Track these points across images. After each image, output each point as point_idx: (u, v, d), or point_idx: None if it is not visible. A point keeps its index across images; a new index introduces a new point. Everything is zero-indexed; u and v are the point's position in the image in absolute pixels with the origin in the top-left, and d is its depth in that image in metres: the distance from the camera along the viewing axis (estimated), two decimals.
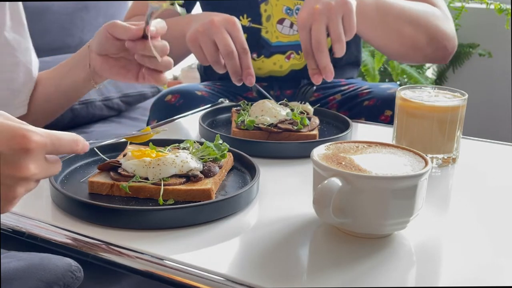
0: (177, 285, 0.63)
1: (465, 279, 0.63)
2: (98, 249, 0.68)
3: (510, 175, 0.96)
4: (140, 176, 0.77)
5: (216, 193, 0.78)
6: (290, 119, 1.04)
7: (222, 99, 1.28)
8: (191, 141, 0.87)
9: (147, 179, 0.77)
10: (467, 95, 0.95)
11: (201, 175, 0.79)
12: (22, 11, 1.07)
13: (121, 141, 0.77)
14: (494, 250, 0.71)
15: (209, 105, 1.24)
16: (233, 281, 0.61)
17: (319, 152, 0.73)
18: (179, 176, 0.78)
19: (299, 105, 1.13)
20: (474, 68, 2.43)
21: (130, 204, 0.75)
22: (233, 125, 1.05)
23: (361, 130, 1.15)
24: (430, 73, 2.58)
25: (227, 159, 0.86)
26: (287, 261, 0.66)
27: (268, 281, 0.61)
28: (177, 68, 3.06)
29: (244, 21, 1.38)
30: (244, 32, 1.38)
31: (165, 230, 0.70)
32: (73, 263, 0.93)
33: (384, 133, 1.10)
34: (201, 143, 0.87)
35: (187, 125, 1.17)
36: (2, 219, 0.71)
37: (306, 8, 1.07)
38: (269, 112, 1.04)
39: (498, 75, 2.34)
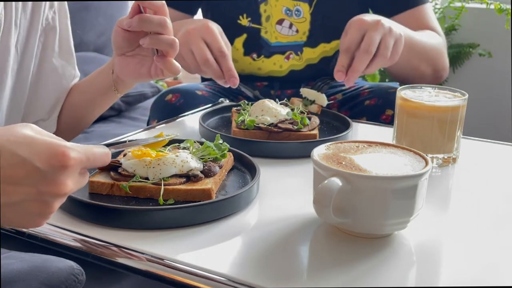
0: (177, 285, 0.63)
1: (465, 279, 0.63)
2: (98, 248, 0.68)
3: (510, 175, 0.96)
4: (140, 176, 0.77)
5: (216, 193, 0.78)
6: (290, 119, 1.04)
7: (222, 99, 1.28)
8: (191, 141, 0.87)
9: (147, 179, 0.77)
10: (467, 95, 0.95)
11: (201, 175, 0.79)
12: (71, 38, 1.09)
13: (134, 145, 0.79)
14: (494, 250, 0.71)
15: (209, 105, 1.25)
16: (233, 281, 0.61)
17: (319, 152, 0.73)
18: (179, 176, 0.78)
19: (315, 92, 1.13)
20: (474, 68, 2.42)
21: (130, 204, 0.75)
22: (233, 125, 1.05)
23: (361, 130, 1.15)
24: None
25: (227, 159, 0.86)
26: (287, 261, 0.66)
27: (268, 281, 0.61)
28: None
29: (244, 21, 1.38)
30: (243, 32, 1.37)
31: (165, 230, 0.70)
32: (75, 265, 0.93)
33: (384, 133, 1.10)
34: (201, 143, 0.87)
35: (187, 125, 1.17)
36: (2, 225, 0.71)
37: (369, 16, 1.12)
38: (269, 111, 1.04)
39: (498, 75, 2.33)
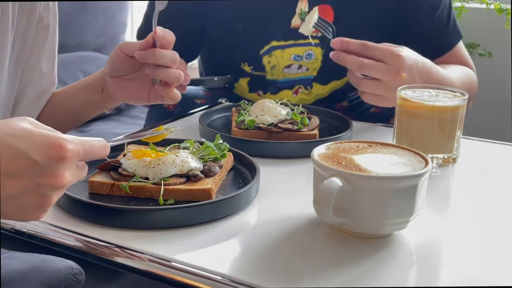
0: (177, 284, 0.63)
1: (465, 279, 0.63)
2: (98, 248, 0.68)
3: (510, 175, 0.96)
4: (140, 176, 0.77)
5: (216, 193, 0.78)
6: (290, 119, 1.04)
7: (222, 99, 1.28)
8: (191, 141, 0.87)
9: (147, 179, 0.77)
10: (467, 95, 0.95)
11: (201, 175, 0.79)
12: (56, 39, 1.08)
13: (133, 140, 0.78)
14: (494, 250, 0.71)
15: (209, 105, 1.24)
16: (233, 281, 0.61)
17: (319, 152, 0.73)
18: (179, 176, 0.78)
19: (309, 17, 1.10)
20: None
21: (130, 204, 0.75)
22: (233, 124, 1.05)
23: (361, 130, 1.15)
24: None
25: (227, 159, 0.86)
26: (287, 261, 0.66)
27: (268, 281, 0.61)
28: None
29: (246, 68, 1.31)
30: (247, 76, 1.30)
31: (165, 230, 0.70)
32: (74, 265, 0.93)
33: (384, 133, 1.10)
34: (201, 143, 0.87)
35: (187, 125, 1.17)
36: (2, 219, 0.71)
37: (408, 54, 1.06)
38: (269, 111, 1.04)
39: (498, 75, 2.33)
